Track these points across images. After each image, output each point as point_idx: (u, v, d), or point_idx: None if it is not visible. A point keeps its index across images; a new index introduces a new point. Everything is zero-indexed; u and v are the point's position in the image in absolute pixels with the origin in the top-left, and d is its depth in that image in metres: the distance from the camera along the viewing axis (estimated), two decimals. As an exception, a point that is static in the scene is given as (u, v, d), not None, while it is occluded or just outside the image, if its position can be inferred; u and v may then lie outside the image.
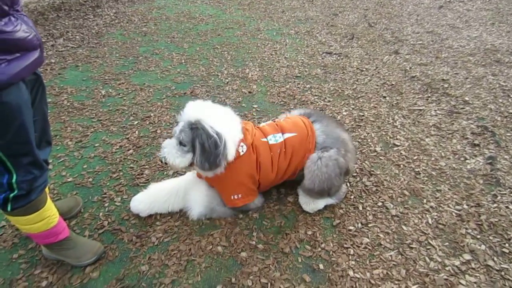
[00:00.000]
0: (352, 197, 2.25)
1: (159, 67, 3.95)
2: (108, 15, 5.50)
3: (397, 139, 2.83)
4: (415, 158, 2.62)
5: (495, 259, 1.86)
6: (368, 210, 2.15)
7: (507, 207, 2.19)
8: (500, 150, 2.72)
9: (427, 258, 1.86)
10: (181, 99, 3.33)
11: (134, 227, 2.00)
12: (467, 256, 1.87)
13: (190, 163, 1.82)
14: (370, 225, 2.05)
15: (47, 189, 1.61)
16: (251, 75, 3.83)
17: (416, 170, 2.50)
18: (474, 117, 3.15)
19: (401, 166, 2.54)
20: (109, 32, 4.88)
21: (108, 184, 2.29)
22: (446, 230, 2.03)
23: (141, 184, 2.29)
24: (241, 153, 1.87)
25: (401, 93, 3.55)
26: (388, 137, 2.85)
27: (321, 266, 1.80)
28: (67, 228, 1.71)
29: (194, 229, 1.99)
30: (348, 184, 2.35)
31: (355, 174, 2.43)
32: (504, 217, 2.12)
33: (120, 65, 3.96)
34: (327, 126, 2.09)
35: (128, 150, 2.61)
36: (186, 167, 1.85)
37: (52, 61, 3.92)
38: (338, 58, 4.35)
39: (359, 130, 2.94)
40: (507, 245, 1.94)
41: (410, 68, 4.10)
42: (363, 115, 3.15)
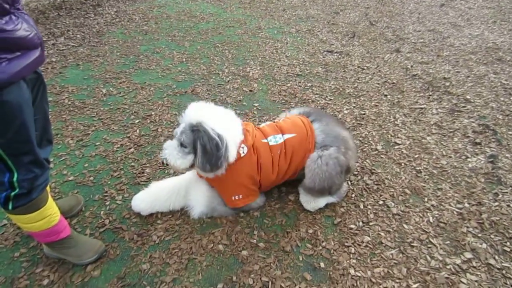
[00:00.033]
0: (353, 195, 2.25)
1: (160, 66, 3.94)
2: (109, 13, 5.49)
3: (398, 137, 2.83)
4: (416, 156, 2.62)
5: (496, 257, 1.86)
6: (369, 209, 2.15)
7: (508, 206, 2.18)
8: (501, 149, 2.71)
9: (428, 257, 1.86)
10: (182, 97, 3.33)
11: (135, 225, 2.00)
12: (468, 255, 1.87)
13: (191, 165, 1.83)
14: (371, 224, 2.05)
15: (48, 188, 1.61)
16: (252, 74, 3.82)
17: (417, 168, 2.49)
18: (475, 116, 3.14)
19: (402, 164, 2.53)
20: (110, 31, 4.88)
21: (109, 182, 2.30)
22: (447, 228, 2.03)
23: (142, 183, 2.29)
24: (242, 155, 1.87)
25: (402, 92, 3.54)
26: (389, 136, 2.85)
27: (322, 265, 1.80)
28: (68, 227, 1.71)
29: (195, 227, 2.00)
30: (349, 182, 2.35)
31: (356, 173, 2.43)
32: (505, 215, 2.12)
33: (121, 63, 3.96)
34: (326, 124, 2.09)
35: (129, 148, 2.61)
36: (187, 168, 1.85)
37: (53, 60, 3.92)
38: (339, 56, 4.34)
39: (360, 128, 2.94)
40: (508, 243, 1.94)
41: (411, 66, 4.09)
42: (364, 114, 3.15)
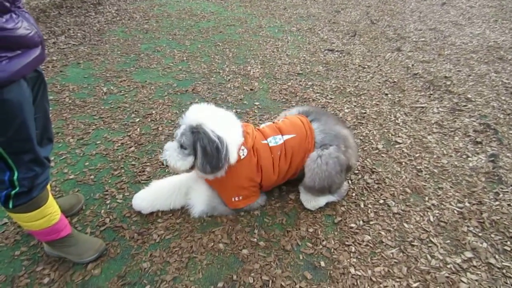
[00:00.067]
0: (353, 194, 2.25)
1: (160, 65, 3.94)
2: (109, 12, 5.49)
3: (399, 136, 2.82)
4: (417, 155, 2.61)
5: (496, 257, 1.86)
6: (370, 208, 2.15)
7: (509, 205, 2.18)
8: (502, 148, 2.71)
9: (428, 256, 1.86)
10: (183, 96, 3.33)
11: (135, 224, 2.00)
12: (468, 254, 1.87)
13: (191, 166, 1.83)
14: (371, 223, 2.05)
15: (48, 187, 1.61)
16: (253, 73, 3.82)
17: (418, 167, 2.49)
18: (476, 115, 3.13)
19: (403, 163, 2.53)
20: (111, 30, 4.87)
21: (109, 181, 2.30)
22: (447, 228, 2.03)
23: (142, 182, 2.29)
24: (242, 157, 1.87)
25: (403, 91, 3.53)
26: (390, 135, 2.85)
27: (322, 264, 1.80)
28: (69, 225, 1.71)
29: (195, 226, 2.00)
30: (350, 181, 2.34)
31: (357, 172, 2.43)
32: (506, 215, 2.11)
33: (121, 62, 3.96)
34: (325, 124, 2.09)
35: (130, 147, 2.61)
36: (187, 170, 1.85)
37: (53, 58, 3.92)
38: (340, 55, 4.33)
39: (361, 127, 2.93)
40: (508, 243, 1.94)
41: (413, 65, 4.08)
42: (365, 113, 3.14)
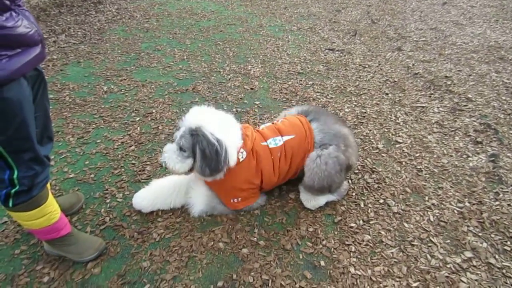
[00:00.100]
0: (353, 194, 2.25)
1: (161, 64, 3.94)
2: (110, 11, 5.49)
3: (399, 136, 2.82)
4: (417, 155, 2.61)
5: (496, 256, 1.86)
6: (370, 207, 2.15)
7: (509, 205, 2.18)
8: (502, 148, 2.71)
9: (428, 256, 1.86)
10: (183, 95, 3.33)
11: (135, 223, 2.00)
12: (468, 254, 1.86)
13: (190, 169, 1.83)
14: (371, 222, 2.05)
15: (48, 185, 1.61)
16: (253, 72, 3.82)
17: (418, 167, 2.49)
18: (477, 115, 3.13)
19: (403, 163, 2.53)
20: (111, 28, 4.87)
21: (109, 180, 2.30)
22: (447, 227, 2.03)
23: (142, 181, 2.29)
24: (241, 159, 1.87)
25: (403, 90, 3.53)
26: (390, 134, 2.84)
27: (322, 263, 1.80)
28: (69, 224, 1.71)
29: (195, 225, 2.00)
30: (350, 181, 2.34)
31: (357, 171, 2.43)
32: (506, 214, 2.11)
33: (122, 61, 3.96)
34: (324, 123, 2.08)
35: (130, 146, 2.61)
36: (186, 172, 1.85)
37: (54, 57, 3.92)
38: (341, 54, 4.33)
39: (361, 127, 2.93)
40: (508, 242, 1.94)
41: (413, 65, 4.08)
42: (365, 112, 3.14)
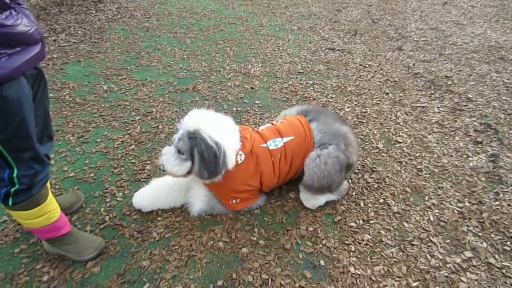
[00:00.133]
0: (353, 193, 2.24)
1: (161, 63, 3.94)
2: (110, 10, 5.48)
3: (399, 136, 2.82)
4: (417, 155, 2.61)
5: (496, 256, 1.86)
6: (370, 207, 2.15)
7: (509, 205, 2.18)
8: (503, 148, 2.71)
9: (428, 255, 1.86)
10: (183, 94, 3.33)
11: (135, 222, 2.00)
12: (468, 254, 1.86)
13: (188, 171, 1.82)
14: (371, 222, 2.05)
15: (48, 184, 1.61)
16: (254, 71, 3.81)
17: (418, 167, 2.49)
18: (477, 115, 3.13)
19: (403, 163, 2.53)
20: (111, 27, 4.87)
21: (109, 179, 2.30)
22: (447, 227, 2.03)
23: (142, 180, 2.29)
24: (239, 162, 1.86)
25: (404, 90, 3.53)
26: (390, 134, 2.84)
27: (322, 263, 1.80)
28: (69, 223, 1.71)
29: (195, 224, 2.00)
30: (350, 180, 2.34)
31: (357, 171, 2.43)
32: (506, 214, 2.11)
33: (122, 60, 3.95)
34: (324, 123, 2.08)
35: (130, 145, 2.61)
36: (184, 175, 1.84)
37: (54, 56, 3.92)
38: (341, 54, 4.32)
39: (361, 126, 2.93)
40: (508, 242, 1.94)
41: (414, 64, 4.07)
42: (365, 112, 3.14)
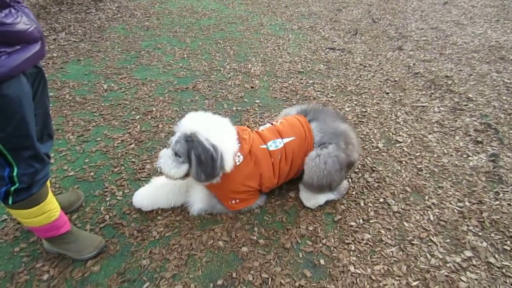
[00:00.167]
0: (353, 193, 2.24)
1: (161, 62, 3.93)
2: (110, 9, 5.48)
3: (399, 135, 2.82)
4: (417, 154, 2.61)
5: (496, 256, 1.86)
6: (370, 206, 2.15)
7: (509, 205, 2.18)
8: (503, 148, 2.70)
9: (428, 255, 1.85)
10: (183, 93, 3.33)
11: (135, 221, 2.00)
12: (468, 253, 1.86)
13: (186, 174, 1.82)
14: (371, 221, 2.05)
15: (48, 183, 1.61)
16: (254, 70, 3.81)
17: (418, 166, 2.49)
18: (477, 114, 3.13)
19: (403, 162, 2.52)
20: (111, 26, 4.86)
21: (109, 178, 2.30)
22: (447, 227, 2.03)
23: (142, 179, 2.29)
24: (238, 163, 1.86)
25: (404, 90, 3.53)
26: (390, 134, 2.84)
27: (322, 262, 1.80)
28: (69, 222, 1.71)
29: (195, 223, 1.99)
30: (350, 180, 2.34)
31: (357, 170, 2.43)
32: (506, 214, 2.11)
33: (122, 59, 3.95)
34: (323, 122, 2.08)
35: (130, 144, 2.61)
36: (182, 177, 1.84)
37: (54, 55, 3.91)
38: (341, 53, 4.32)
39: (361, 126, 2.93)
40: (508, 242, 1.94)
41: (414, 64, 4.07)
42: (365, 111, 3.14)
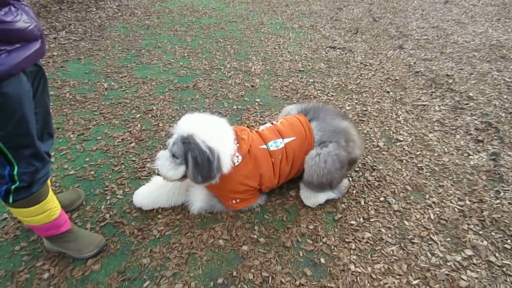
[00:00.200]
0: (354, 191, 2.24)
1: (161, 61, 3.93)
2: (110, 8, 5.47)
3: (400, 134, 2.82)
4: (418, 153, 2.60)
5: (496, 255, 1.85)
6: (370, 205, 2.15)
7: (510, 203, 2.18)
8: (504, 146, 2.70)
9: (428, 253, 1.85)
10: (184, 92, 3.32)
11: (135, 220, 2.00)
12: (468, 252, 1.86)
13: (183, 175, 1.82)
14: (372, 220, 2.04)
15: (49, 182, 1.61)
16: (254, 69, 3.81)
17: (419, 165, 2.48)
18: (478, 113, 3.12)
19: (404, 161, 2.52)
20: (112, 25, 4.86)
21: (110, 177, 2.30)
22: (448, 225, 2.03)
23: (143, 177, 2.29)
24: (236, 163, 1.85)
25: (405, 88, 3.52)
26: (391, 132, 2.84)
27: (322, 260, 1.80)
28: (69, 221, 1.71)
29: (195, 222, 1.99)
30: (351, 179, 2.34)
31: (358, 169, 2.42)
32: (506, 213, 2.11)
33: (122, 58, 3.95)
34: (323, 120, 2.07)
35: (130, 143, 2.61)
36: (179, 179, 1.83)
37: (54, 53, 3.91)
38: (342, 52, 4.32)
39: (362, 125, 2.93)
40: (509, 241, 1.93)
41: (415, 63, 4.07)
42: (366, 110, 3.13)
